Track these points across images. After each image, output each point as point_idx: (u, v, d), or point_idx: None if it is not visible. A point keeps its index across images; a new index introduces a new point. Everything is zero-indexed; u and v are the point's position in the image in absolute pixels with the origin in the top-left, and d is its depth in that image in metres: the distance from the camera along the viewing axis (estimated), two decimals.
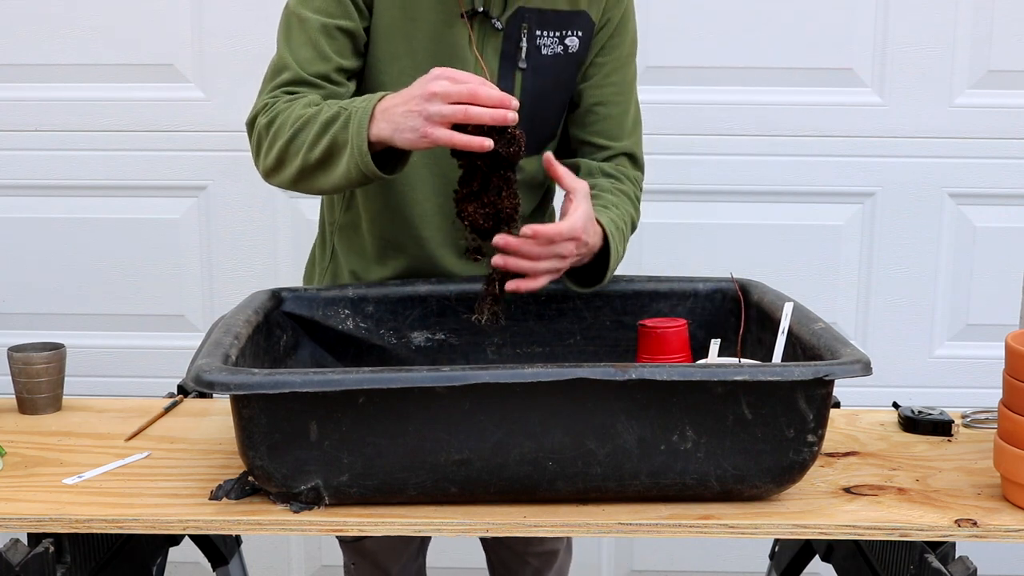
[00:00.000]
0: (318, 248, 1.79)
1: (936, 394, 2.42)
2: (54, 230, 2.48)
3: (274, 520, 1.23)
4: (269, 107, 1.49)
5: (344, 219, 1.69)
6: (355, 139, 1.37)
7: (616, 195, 1.59)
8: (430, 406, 1.19)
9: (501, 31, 1.56)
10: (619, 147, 1.65)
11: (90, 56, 2.41)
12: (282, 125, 1.45)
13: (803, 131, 2.41)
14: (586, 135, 1.66)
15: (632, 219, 1.61)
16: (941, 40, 2.37)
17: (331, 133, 1.40)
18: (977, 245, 2.45)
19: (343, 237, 1.71)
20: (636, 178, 1.67)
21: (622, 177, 1.63)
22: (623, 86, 1.65)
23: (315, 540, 2.62)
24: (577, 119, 1.66)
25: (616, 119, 1.65)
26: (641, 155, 1.70)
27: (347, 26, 1.52)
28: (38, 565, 1.23)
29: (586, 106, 1.65)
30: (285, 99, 1.49)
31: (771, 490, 1.27)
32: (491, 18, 1.55)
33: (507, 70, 1.58)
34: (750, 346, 1.56)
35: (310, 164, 1.43)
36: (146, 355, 2.51)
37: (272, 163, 1.48)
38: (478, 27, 1.56)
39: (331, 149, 1.40)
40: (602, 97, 1.64)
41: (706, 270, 1.80)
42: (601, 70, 1.63)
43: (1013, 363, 1.25)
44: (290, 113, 1.45)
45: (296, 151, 1.44)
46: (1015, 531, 1.23)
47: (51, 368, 1.59)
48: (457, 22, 1.54)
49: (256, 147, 1.52)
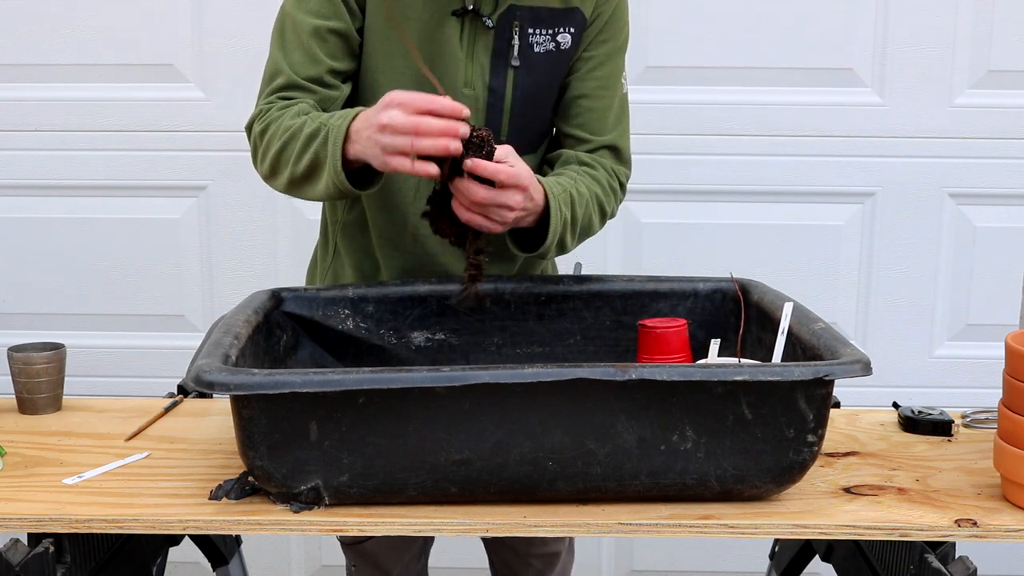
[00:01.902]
0: (320, 248, 1.79)
1: (936, 394, 2.42)
2: (54, 230, 2.48)
3: (274, 520, 1.23)
4: (264, 114, 1.53)
5: (348, 217, 1.70)
6: (332, 157, 1.41)
7: (579, 176, 1.59)
8: (430, 406, 1.19)
9: (492, 29, 1.56)
10: (600, 141, 1.65)
11: (90, 56, 2.41)
12: (273, 135, 1.49)
13: (803, 131, 2.41)
14: (568, 128, 1.66)
15: (597, 196, 1.59)
16: (941, 40, 2.37)
17: (313, 148, 1.44)
18: (977, 245, 2.45)
19: (346, 236, 1.71)
20: (616, 170, 1.66)
21: (597, 166, 1.63)
22: (607, 80, 1.64)
23: (315, 540, 2.62)
24: (561, 111, 1.66)
25: (598, 112, 1.64)
26: (626, 149, 1.68)
27: (339, 28, 1.54)
28: (38, 565, 1.23)
29: (569, 98, 1.65)
30: (279, 106, 1.52)
31: (771, 490, 1.27)
32: (482, 16, 1.55)
33: (499, 68, 1.57)
34: (750, 346, 1.56)
35: (296, 177, 1.48)
36: (146, 355, 2.51)
37: (267, 170, 1.54)
38: (469, 25, 1.56)
39: (313, 164, 1.45)
40: (585, 90, 1.64)
41: (706, 270, 1.79)
42: (587, 64, 1.63)
43: (1013, 363, 1.25)
44: (280, 123, 1.49)
45: (285, 163, 1.49)
46: (1015, 531, 1.23)
47: (51, 368, 1.59)
48: (448, 20, 1.55)
49: (253, 153, 1.57)
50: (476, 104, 1.57)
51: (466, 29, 1.56)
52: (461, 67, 1.56)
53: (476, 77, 1.57)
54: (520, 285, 1.60)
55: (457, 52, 1.56)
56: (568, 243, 1.55)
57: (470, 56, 1.56)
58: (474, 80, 1.57)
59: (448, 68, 1.55)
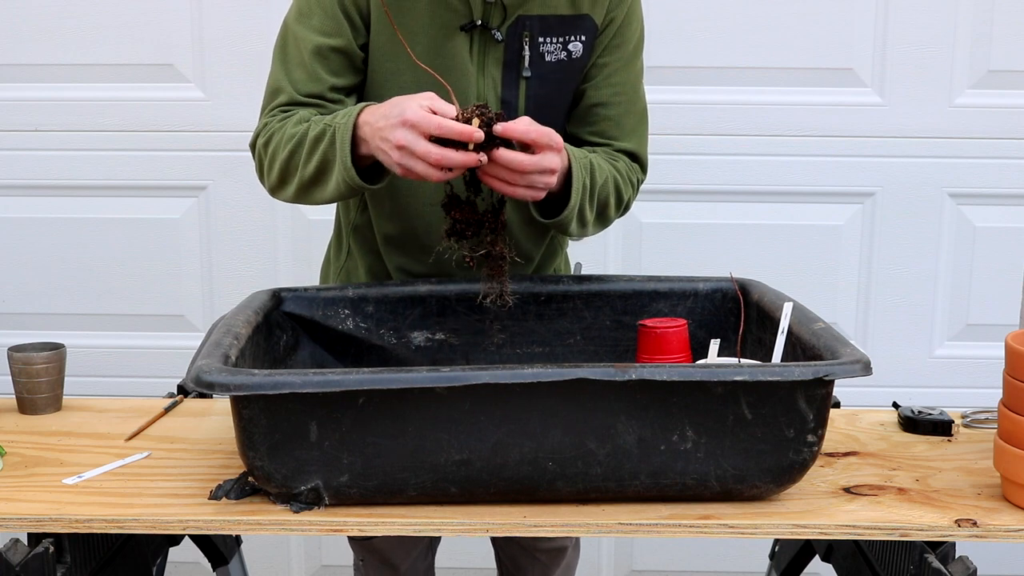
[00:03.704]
0: (333, 248, 1.80)
1: (936, 394, 2.42)
2: (54, 230, 2.48)
3: (274, 520, 1.23)
4: (266, 128, 1.54)
5: (360, 219, 1.70)
6: (341, 156, 1.41)
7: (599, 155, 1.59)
8: (430, 406, 1.19)
9: (502, 42, 1.55)
10: (619, 146, 1.64)
11: (90, 56, 2.41)
12: (278, 145, 1.50)
13: (803, 131, 2.41)
14: (586, 135, 1.65)
15: (615, 177, 1.59)
16: (941, 40, 2.37)
17: (321, 149, 1.44)
18: (977, 245, 2.45)
19: (358, 237, 1.72)
20: (634, 168, 1.66)
21: (617, 158, 1.63)
22: (625, 87, 1.64)
23: (315, 540, 2.62)
24: (577, 118, 1.65)
25: (615, 120, 1.64)
26: (644, 155, 1.68)
27: (342, 45, 1.54)
28: (38, 565, 1.23)
29: (586, 106, 1.64)
30: (279, 119, 1.53)
31: (771, 490, 1.27)
32: (491, 29, 1.54)
33: (510, 79, 1.57)
34: (750, 346, 1.56)
35: (306, 181, 1.49)
36: (146, 355, 2.51)
37: (275, 182, 1.54)
38: (478, 39, 1.55)
39: (322, 165, 1.45)
40: (602, 98, 1.63)
41: (706, 270, 1.79)
42: (603, 71, 1.62)
43: (1013, 363, 1.25)
44: (283, 133, 1.50)
45: (294, 169, 1.49)
46: (1015, 531, 1.23)
47: (51, 368, 1.59)
48: (457, 35, 1.54)
49: (259, 168, 1.58)
50: None
51: (475, 43, 1.55)
52: (472, 81, 1.56)
53: (488, 90, 1.56)
54: (520, 285, 1.60)
55: (467, 66, 1.55)
56: (587, 216, 1.54)
57: (481, 70, 1.56)
58: (486, 93, 1.56)
59: (459, 83, 1.54)
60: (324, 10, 1.54)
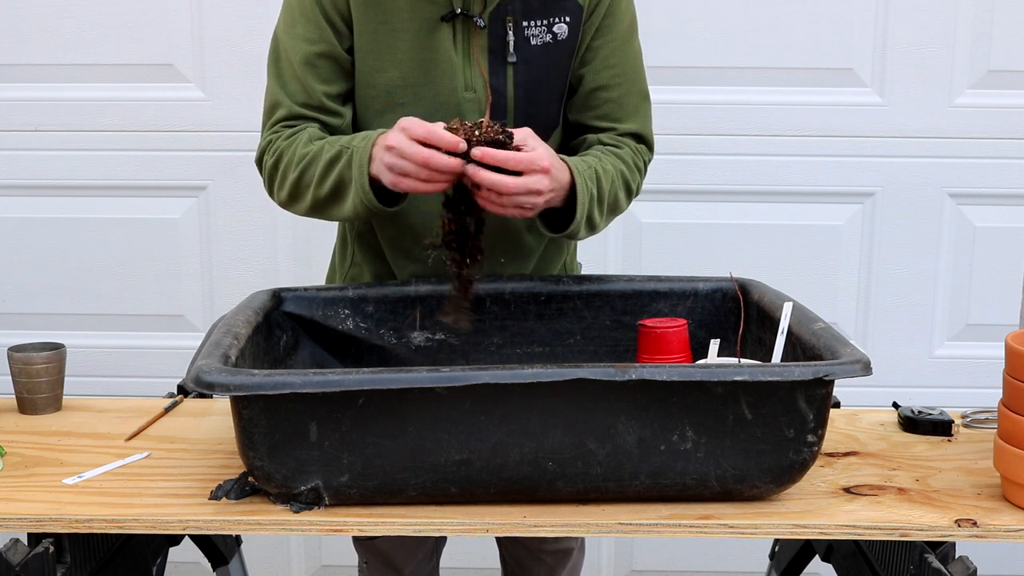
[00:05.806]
0: (338, 253, 1.80)
1: (936, 394, 2.42)
2: (54, 230, 2.48)
3: (274, 520, 1.23)
4: (272, 145, 1.56)
5: (363, 226, 1.71)
6: (358, 177, 1.44)
7: (604, 154, 1.59)
8: (430, 406, 1.19)
9: (485, 28, 1.55)
10: (623, 128, 1.64)
11: (90, 56, 2.41)
12: (288, 163, 1.53)
13: (803, 131, 2.41)
14: (588, 119, 1.65)
15: (622, 172, 1.59)
16: (941, 40, 2.37)
17: (337, 170, 1.47)
18: (977, 245, 2.45)
19: (362, 243, 1.72)
20: (640, 150, 1.65)
21: (621, 145, 1.63)
22: (623, 67, 1.63)
23: (315, 540, 2.62)
24: (578, 104, 1.65)
25: (617, 102, 1.63)
26: (649, 134, 1.68)
27: (327, 51, 1.56)
28: (38, 565, 1.23)
29: (587, 90, 1.63)
30: (284, 135, 1.55)
31: (771, 490, 1.27)
32: (472, 17, 1.54)
33: (497, 66, 1.57)
34: (750, 346, 1.56)
35: (321, 199, 1.52)
36: (146, 355, 2.51)
37: (286, 198, 1.57)
38: (460, 28, 1.55)
39: (338, 185, 1.48)
40: (602, 81, 1.62)
41: (706, 270, 1.79)
42: (599, 54, 1.62)
43: (1013, 363, 1.25)
44: (294, 152, 1.52)
45: (306, 187, 1.52)
46: (1015, 531, 1.23)
47: (51, 368, 1.59)
48: (439, 26, 1.54)
49: (268, 184, 1.60)
50: (480, 106, 1.57)
51: (458, 32, 1.55)
52: (459, 71, 1.56)
53: (476, 79, 1.57)
54: (520, 285, 1.60)
55: (453, 57, 1.56)
56: (597, 221, 1.55)
57: (466, 59, 1.56)
58: (474, 82, 1.57)
59: (446, 74, 1.55)
60: (307, 18, 1.56)
